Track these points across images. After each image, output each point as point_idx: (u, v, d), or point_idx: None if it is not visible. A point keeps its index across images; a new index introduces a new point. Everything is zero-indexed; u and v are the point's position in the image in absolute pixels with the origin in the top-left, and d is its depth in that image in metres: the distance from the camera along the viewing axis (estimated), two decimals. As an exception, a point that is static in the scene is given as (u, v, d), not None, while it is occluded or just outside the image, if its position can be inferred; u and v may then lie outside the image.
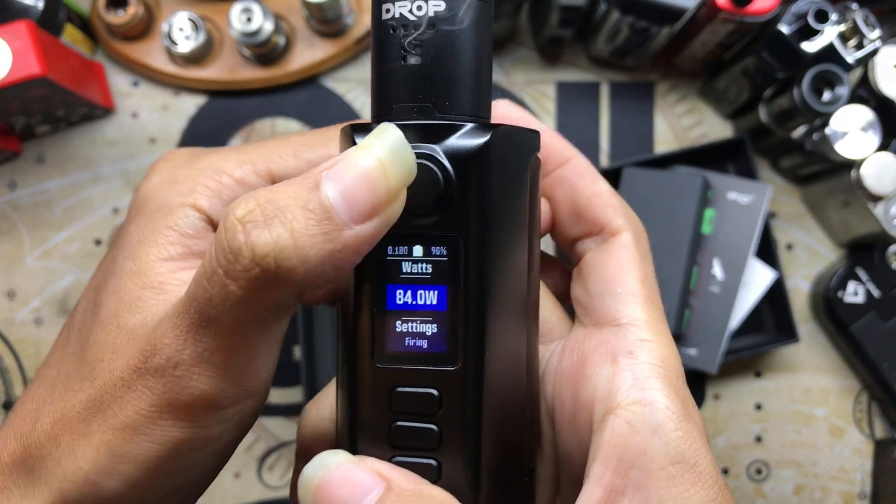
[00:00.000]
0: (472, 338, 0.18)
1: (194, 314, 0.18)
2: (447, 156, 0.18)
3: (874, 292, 0.53)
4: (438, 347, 0.18)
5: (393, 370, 0.18)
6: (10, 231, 0.56)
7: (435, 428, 0.18)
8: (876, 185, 0.49)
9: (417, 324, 0.18)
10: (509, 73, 0.57)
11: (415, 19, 0.18)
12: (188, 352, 0.18)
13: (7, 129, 0.54)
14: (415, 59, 0.18)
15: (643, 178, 0.53)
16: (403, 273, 0.18)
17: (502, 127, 0.18)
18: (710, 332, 0.52)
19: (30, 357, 0.56)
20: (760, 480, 0.56)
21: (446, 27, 0.18)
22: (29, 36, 0.45)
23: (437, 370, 0.18)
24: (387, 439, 0.18)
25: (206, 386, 0.18)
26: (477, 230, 0.18)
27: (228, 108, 0.57)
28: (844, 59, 0.48)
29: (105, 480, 0.19)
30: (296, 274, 0.16)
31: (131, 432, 0.19)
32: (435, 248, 0.18)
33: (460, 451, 0.18)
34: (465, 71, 0.18)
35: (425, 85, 0.18)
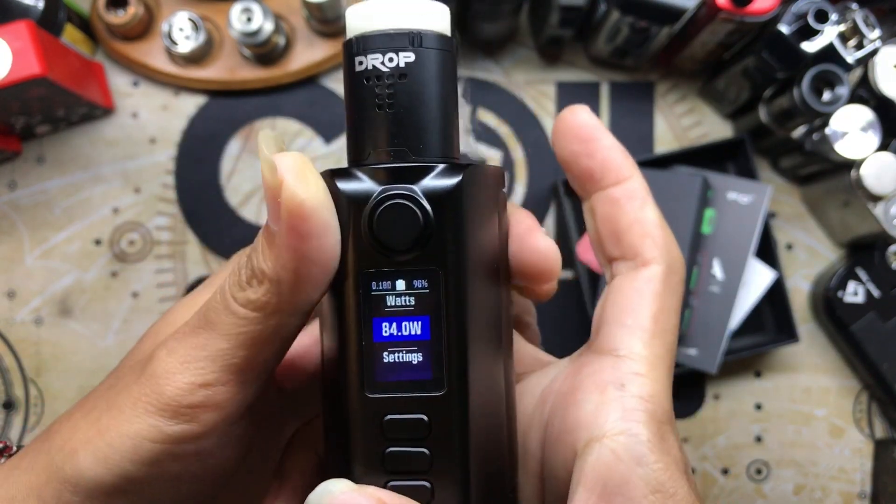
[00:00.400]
0: (455, 363, 0.19)
1: (200, 317, 0.21)
2: (424, 195, 0.19)
3: (874, 292, 0.53)
4: (424, 375, 0.19)
5: (384, 399, 0.19)
6: (10, 231, 0.56)
7: (426, 451, 0.19)
8: (876, 185, 0.49)
9: (404, 353, 0.19)
10: (509, 73, 0.57)
11: (387, 70, 0.19)
12: (182, 345, 0.21)
13: (7, 129, 0.54)
14: (388, 107, 0.19)
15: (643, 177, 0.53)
16: (388, 306, 0.19)
17: (471, 166, 0.20)
18: (710, 331, 0.52)
19: (30, 357, 0.56)
20: (760, 480, 0.56)
21: (415, 77, 0.19)
22: (29, 36, 0.45)
23: (424, 396, 0.19)
24: (381, 465, 0.20)
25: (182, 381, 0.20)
26: (454, 262, 0.19)
27: (228, 108, 0.57)
28: (844, 59, 0.48)
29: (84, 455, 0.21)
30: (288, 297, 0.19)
31: (117, 411, 0.21)
32: (416, 282, 0.19)
33: (451, 471, 0.19)
34: (434, 116, 0.20)
35: (399, 131, 0.20)
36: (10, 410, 0.56)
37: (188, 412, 0.20)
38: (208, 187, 0.56)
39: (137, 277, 0.56)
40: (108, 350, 0.56)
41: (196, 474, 0.21)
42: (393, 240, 0.19)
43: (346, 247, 0.19)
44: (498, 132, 0.57)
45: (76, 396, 0.56)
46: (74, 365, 0.56)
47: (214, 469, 0.22)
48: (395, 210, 0.19)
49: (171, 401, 0.20)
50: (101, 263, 0.56)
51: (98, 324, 0.56)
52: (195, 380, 0.20)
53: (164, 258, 0.56)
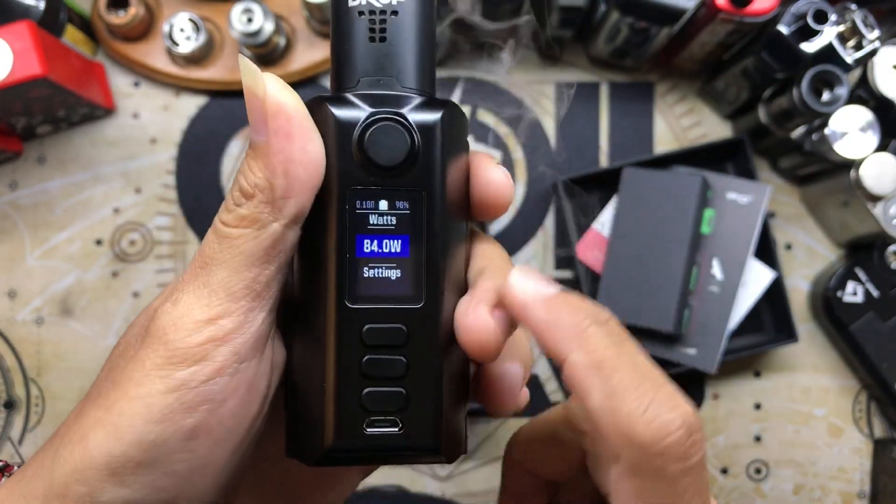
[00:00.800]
0: (432, 281, 0.21)
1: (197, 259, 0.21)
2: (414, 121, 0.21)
3: (873, 292, 0.53)
4: (403, 290, 0.21)
5: (365, 309, 0.21)
6: (12, 231, 0.56)
7: (403, 359, 0.21)
8: (875, 186, 0.49)
9: (384, 269, 0.21)
10: (509, 73, 0.57)
11: (381, 6, 0.21)
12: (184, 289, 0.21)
13: (8, 130, 0.54)
14: (381, 39, 0.21)
15: (643, 178, 0.53)
16: (371, 224, 0.21)
17: (452, 103, 0.21)
18: (710, 331, 0.52)
19: (30, 356, 0.56)
20: (760, 480, 0.56)
21: (406, 13, 0.21)
22: (30, 36, 0.45)
23: (404, 308, 0.21)
24: (359, 371, 0.21)
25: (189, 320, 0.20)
26: (437, 186, 0.21)
27: (229, 109, 0.57)
28: (843, 59, 0.48)
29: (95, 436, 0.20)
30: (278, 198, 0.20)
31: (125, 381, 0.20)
32: (399, 203, 0.21)
33: (426, 379, 0.21)
34: (419, 52, 0.22)
35: (389, 62, 0.21)
36: (11, 410, 0.56)
37: (197, 351, 0.20)
38: (209, 187, 0.57)
39: (138, 277, 0.56)
40: (109, 350, 0.56)
41: (211, 430, 0.20)
42: (383, 157, 0.20)
43: (333, 167, 0.20)
44: (498, 132, 0.57)
45: (77, 396, 0.56)
46: (75, 365, 0.56)
47: (230, 425, 0.21)
48: (386, 129, 0.20)
49: (179, 345, 0.20)
50: (102, 263, 0.56)
51: (99, 323, 0.56)
52: (200, 316, 0.20)
53: (164, 258, 0.56)
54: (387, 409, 0.21)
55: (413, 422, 0.21)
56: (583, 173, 0.54)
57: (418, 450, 0.21)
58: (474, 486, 0.56)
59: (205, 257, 0.21)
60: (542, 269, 0.57)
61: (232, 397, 0.20)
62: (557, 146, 0.57)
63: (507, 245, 0.57)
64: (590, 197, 0.56)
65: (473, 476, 0.56)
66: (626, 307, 0.52)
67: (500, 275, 0.22)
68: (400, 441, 0.21)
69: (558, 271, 0.57)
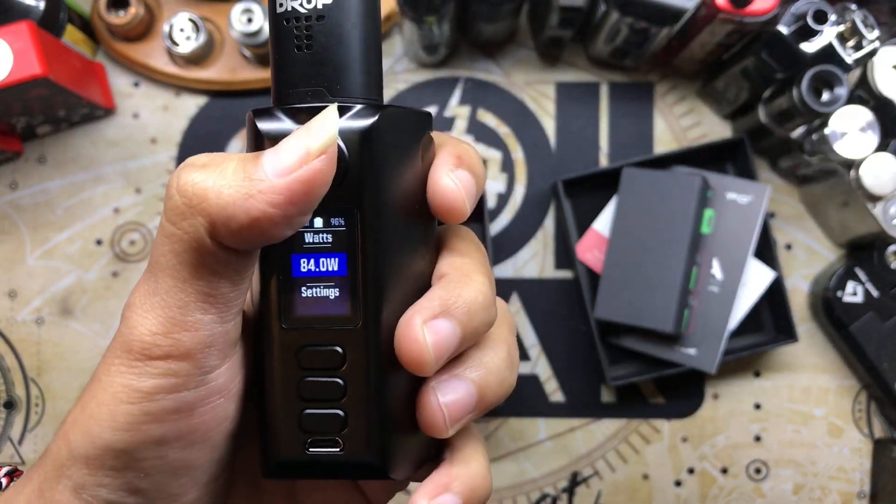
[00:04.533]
0: (370, 300, 0.20)
1: (150, 263, 0.20)
2: (340, 134, 0.19)
3: (873, 292, 0.53)
4: (341, 310, 0.20)
5: (300, 331, 0.20)
6: (12, 231, 0.56)
7: (340, 381, 0.20)
8: (875, 185, 0.49)
9: (321, 289, 0.20)
10: (509, 73, 0.57)
11: (305, 12, 0.20)
12: (139, 293, 0.20)
13: (8, 130, 0.54)
14: (307, 48, 0.20)
15: (642, 178, 0.53)
16: (306, 243, 0.20)
17: (390, 108, 0.20)
18: (710, 331, 0.52)
19: (31, 357, 0.56)
20: (760, 480, 0.56)
21: (333, 18, 0.20)
22: (30, 36, 0.45)
23: (340, 329, 0.20)
24: (297, 393, 0.20)
25: (145, 331, 0.19)
26: (370, 201, 0.20)
27: (229, 109, 0.57)
28: (843, 59, 0.48)
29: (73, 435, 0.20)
30: (208, 205, 0.18)
31: (95, 382, 0.20)
32: (334, 220, 0.20)
33: (363, 400, 0.20)
34: (353, 57, 0.20)
35: (318, 71, 0.20)
36: (12, 410, 0.56)
37: (158, 365, 0.19)
38: (209, 187, 0.57)
39: (138, 277, 0.56)
40: (109, 350, 0.56)
41: (179, 436, 0.20)
42: None
43: None
44: (498, 132, 0.57)
45: (77, 396, 0.56)
46: (76, 364, 0.56)
47: (196, 427, 0.20)
48: None
49: (138, 358, 0.19)
50: (102, 263, 0.56)
51: (99, 323, 0.56)
52: (156, 328, 0.19)
53: (164, 258, 0.56)
54: (326, 430, 0.21)
55: (354, 442, 0.20)
56: (583, 173, 0.54)
57: (361, 469, 0.21)
58: (474, 486, 0.56)
59: (153, 257, 0.20)
60: (541, 269, 0.57)
61: (201, 405, 0.20)
62: (557, 146, 0.57)
63: (507, 245, 0.57)
64: (590, 197, 0.56)
65: (473, 476, 0.56)
66: (625, 307, 0.52)
67: (458, 285, 0.21)
68: (341, 460, 0.21)
69: (558, 271, 0.57)
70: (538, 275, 0.57)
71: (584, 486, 0.56)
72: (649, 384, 0.56)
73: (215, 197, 0.18)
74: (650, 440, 0.56)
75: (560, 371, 0.56)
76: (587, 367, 0.56)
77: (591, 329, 0.54)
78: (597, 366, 0.55)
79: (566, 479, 0.56)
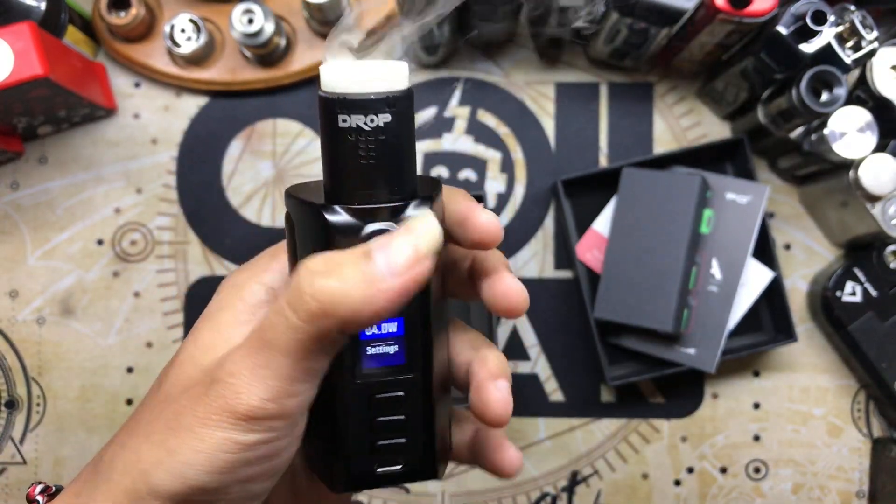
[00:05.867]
0: (421, 353, 0.25)
1: (257, 339, 0.23)
2: None
3: (872, 292, 0.53)
4: (400, 361, 0.25)
5: (370, 383, 0.25)
6: (13, 231, 0.56)
7: (403, 418, 0.25)
8: (874, 186, 0.50)
9: (383, 346, 0.25)
10: (509, 74, 0.57)
11: (369, 129, 0.23)
12: (246, 365, 0.23)
13: (9, 130, 0.54)
14: (371, 158, 0.23)
15: (642, 178, 0.53)
16: None
17: (428, 199, 0.24)
18: (709, 331, 0.52)
19: (32, 356, 0.56)
20: (759, 479, 0.56)
21: (391, 133, 0.23)
22: (31, 37, 0.45)
23: (400, 378, 0.25)
24: (369, 431, 0.25)
25: (254, 398, 0.23)
26: None
27: (230, 109, 0.57)
28: (842, 60, 0.48)
29: (157, 474, 0.23)
30: (341, 309, 0.22)
31: (185, 432, 0.23)
32: None
33: (419, 429, 0.26)
34: (404, 163, 0.24)
35: (379, 177, 0.23)
36: (13, 410, 0.56)
37: (262, 424, 0.23)
38: (209, 188, 0.57)
39: (139, 277, 0.56)
40: (110, 349, 0.56)
41: (265, 473, 0.24)
42: None
43: None
44: (497, 133, 0.57)
45: (78, 395, 0.56)
46: (76, 364, 0.56)
47: (279, 465, 0.24)
48: None
49: (244, 415, 0.23)
50: (103, 263, 0.56)
51: (100, 323, 0.56)
52: (265, 395, 0.22)
53: (165, 258, 0.56)
54: (392, 454, 0.26)
55: (411, 460, 0.26)
56: (582, 173, 0.55)
57: (414, 478, 0.26)
58: (474, 486, 0.56)
59: (267, 337, 0.23)
60: (541, 269, 0.57)
61: (285, 452, 0.24)
62: (557, 146, 0.57)
63: (507, 245, 0.57)
64: (589, 197, 0.56)
65: (473, 475, 0.56)
66: (625, 307, 0.52)
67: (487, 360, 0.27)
68: (401, 475, 0.26)
69: (558, 271, 0.57)
70: (538, 275, 0.57)
71: (583, 485, 0.56)
72: (649, 384, 0.56)
73: (344, 299, 0.22)
74: (650, 440, 0.56)
75: (560, 371, 0.57)
76: (587, 366, 0.56)
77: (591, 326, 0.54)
78: (596, 365, 0.55)
79: (566, 478, 0.56)
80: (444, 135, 0.57)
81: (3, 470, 0.56)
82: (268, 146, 0.57)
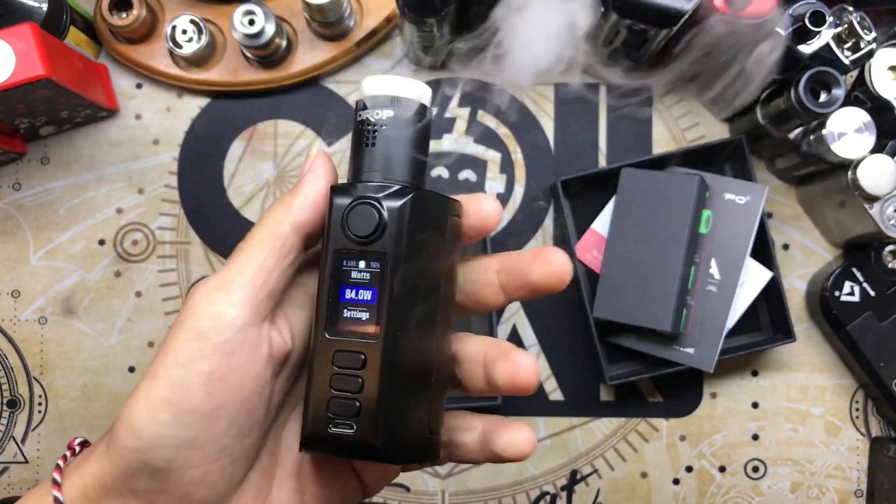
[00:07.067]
0: (386, 322, 0.27)
1: None
2: (382, 203, 0.27)
3: (870, 292, 0.53)
4: (368, 328, 0.27)
5: (337, 340, 0.27)
6: (15, 231, 0.57)
7: (359, 380, 0.27)
8: (872, 186, 0.50)
9: (357, 312, 0.27)
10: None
11: (374, 121, 0.28)
12: None
13: (11, 131, 0.54)
14: (372, 144, 0.28)
15: (641, 178, 0.53)
16: (352, 279, 0.28)
17: (421, 191, 0.28)
18: (708, 330, 0.52)
19: (34, 356, 0.56)
20: (757, 478, 0.56)
21: (391, 125, 0.28)
22: (33, 38, 0.46)
23: (364, 342, 0.27)
24: (329, 384, 0.27)
25: None
26: (395, 250, 0.27)
27: (231, 110, 0.57)
28: (841, 60, 0.48)
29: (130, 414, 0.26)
30: None
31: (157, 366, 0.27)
32: (372, 263, 0.27)
33: (374, 396, 0.27)
34: (402, 153, 0.28)
35: (377, 160, 0.28)
36: (15, 409, 0.56)
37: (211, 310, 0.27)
38: (211, 188, 0.57)
39: (141, 277, 0.56)
40: (112, 349, 0.56)
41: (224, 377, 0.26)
42: (357, 228, 0.27)
43: (330, 236, 0.28)
44: (497, 133, 0.58)
45: (80, 395, 0.56)
46: (78, 364, 0.56)
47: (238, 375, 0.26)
48: (360, 209, 0.27)
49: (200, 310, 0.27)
50: (105, 263, 0.57)
51: (102, 323, 0.56)
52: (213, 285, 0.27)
53: (167, 258, 0.57)
54: (344, 414, 0.27)
55: (363, 427, 0.27)
56: (581, 174, 0.55)
57: (365, 448, 0.27)
58: (474, 485, 0.56)
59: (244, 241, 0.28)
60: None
61: (238, 351, 0.26)
62: (556, 147, 0.58)
63: (507, 245, 0.57)
64: (589, 197, 0.56)
65: (473, 474, 0.56)
66: (624, 307, 0.52)
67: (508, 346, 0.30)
68: (352, 440, 0.27)
69: (557, 271, 0.57)
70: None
71: (583, 484, 0.56)
72: (648, 383, 0.57)
73: None
74: (649, 439, 0.56)
75: (559, 370, 0.57)
76: (586, 366, 0.57)
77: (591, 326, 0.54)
78: (596, 365, 0.55)
79: (565, 477, 0.56)
80: (444, 135, 0.58)
81: (5, 469, 0.56)
82: (269, 147, 0.57)
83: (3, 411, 0.56)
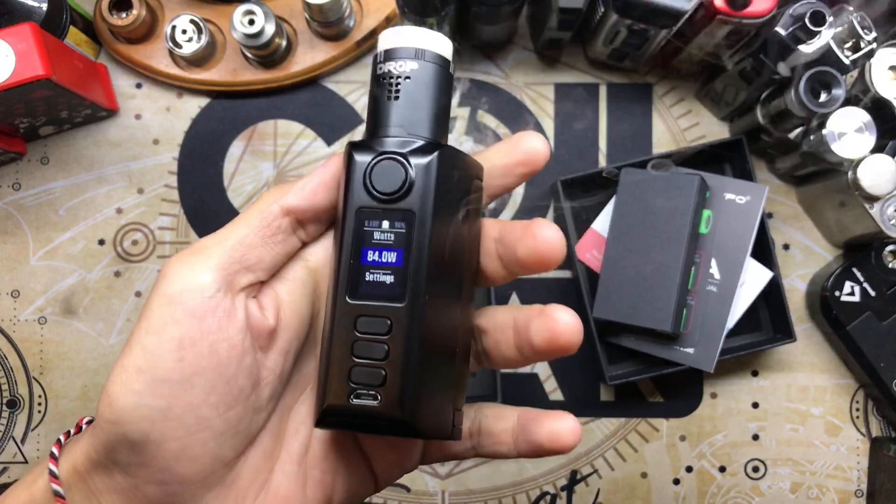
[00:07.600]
0: (414, 286, 0.25)
1: None
2: (409, 159, 0.26)
3: (870, 292, 0.53)
4: (393, 292, 0.25)
5: (360, 305, 0.26)
6: (15, 231, 0.57)
7: (385, 346, 0.25)
8: (872, 186, 0.50)
9: (380, 275, 0.26)
10: (508, 74, 0.58)
11: (397, 73, 0.27)
12: None
13: (11, 131, 0.54)
14: (395, 97, 0.27)
15: (641, 178, 0.53)
16: (374, 240, 0.26)
17: (447, 148, 0.26)
18: (708, 330, 0.52)
19: (34, 356, 0.56)
20: (757, 478, 0.56)
21: (416, 78, 0.27)
22: (33, 38, 0.46)
23: (389, 306, 0.25)
24: (350, 352, 0.26)
25: None
26: (423, 209, 0.25)
27: (231, 110, 0.57)
28: (841, 60, 0.48)
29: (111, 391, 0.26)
30: None
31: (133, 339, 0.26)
32: (397, 223, 0.26)
33: (401, 364, 0.25)
34: (427, 108, 0.27)
35: (401, 114, 0.27)
36: (15, 409, 0.56)
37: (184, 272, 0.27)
38: (211, 188, 0.57)
39: (141, 277, 0.56)
40: (112, 349, 0.56)
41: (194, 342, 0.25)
42: (382, 185, 0.26)
43: (351, 195, 0.26)
44: (498, 133, 0.58)
45: (80, 395, 0.56)
46: (78, 364, 0.56)
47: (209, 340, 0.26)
48: (386, 165, 0.26)
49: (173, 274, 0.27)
50: (105, 263, 0.56)
51: (102, 323, 0.56)
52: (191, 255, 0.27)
53: (166, 258, 0.57)
54: (368, 383, 0.25)
55: (389, 398, 0.25)
56: (582, 173, 0.55)
57: (390, 421, 0.25)
58: (474, 485, 0.56)
59: None
60: (541, 269, 0.57)
61: (210, 316, 0.26)
62: (556, 147, 0.58)
63: (507, 245, 0.57)
64: (589, 197, 0.56)
65: (473, 474, 0.56)
66: (624, 307, 0.52)
67: None
68: (377, 413, 0.25)
69: (557, 271, 0.57)
70: (538, 274, 0.57)
71: (583, 484, 0.56)
72: (648, 383, 0.57)
73: None
74: (649, 439, 0.56)
75: (559, 370, 0.57)
76: (586, 366, 0.57)
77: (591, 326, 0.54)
78: (596, 365, 0.55)
79: (565, 477, 0.56)
80: (444, 135, 0.58)
81: (5, 469, 0.56)
82: (269, 147, 0.57)
83: (2, 411, 0.56)
